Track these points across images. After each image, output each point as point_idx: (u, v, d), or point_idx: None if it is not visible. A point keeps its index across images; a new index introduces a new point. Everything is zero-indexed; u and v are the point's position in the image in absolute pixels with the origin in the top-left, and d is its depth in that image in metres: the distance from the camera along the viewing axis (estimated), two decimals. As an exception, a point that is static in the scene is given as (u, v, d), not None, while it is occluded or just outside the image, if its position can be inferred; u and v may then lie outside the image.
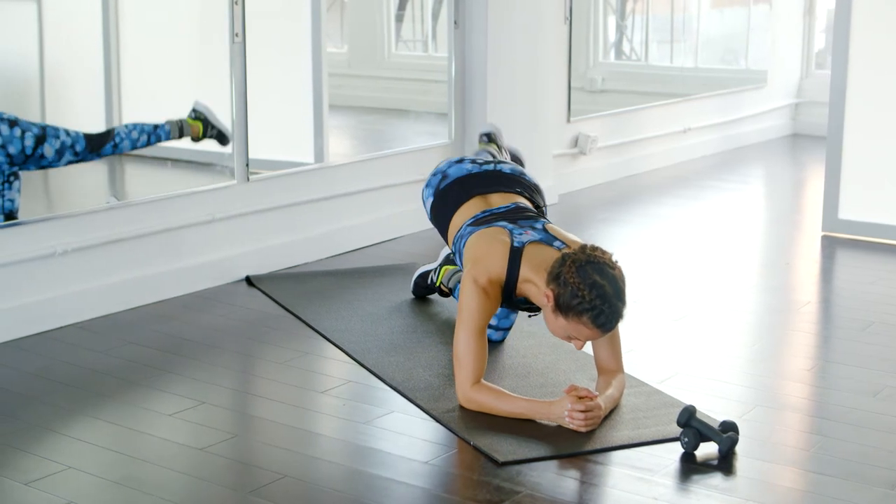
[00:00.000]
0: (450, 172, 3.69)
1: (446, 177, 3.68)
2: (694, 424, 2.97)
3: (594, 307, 2.98)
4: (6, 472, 2.86)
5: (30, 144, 3.96)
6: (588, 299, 2.98)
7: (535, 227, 3.34)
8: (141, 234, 4.22)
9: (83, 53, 4.50)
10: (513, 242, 3.25)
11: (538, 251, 3.23)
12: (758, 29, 8.23)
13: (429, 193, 3.70)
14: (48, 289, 3.93)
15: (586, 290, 2.97)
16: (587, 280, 2.98)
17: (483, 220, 3.44)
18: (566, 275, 3.00)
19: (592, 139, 6.35)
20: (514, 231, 3.30)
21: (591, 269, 3.00)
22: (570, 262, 3.02)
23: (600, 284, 2.98)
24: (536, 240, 3.27)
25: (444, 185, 3.66)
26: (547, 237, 3.29)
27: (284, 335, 3.92)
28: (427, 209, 3.73)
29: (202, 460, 2.95)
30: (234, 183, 4.57)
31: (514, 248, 3.24)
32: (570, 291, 2.99)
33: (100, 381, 3.49)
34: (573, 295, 2.99)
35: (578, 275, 2.99)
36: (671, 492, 2.79)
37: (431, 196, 3.68)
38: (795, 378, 3.58)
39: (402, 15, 6.62)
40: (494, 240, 3.28)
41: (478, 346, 3.17)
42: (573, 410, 3.06)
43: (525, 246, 3.24)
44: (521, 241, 3.25)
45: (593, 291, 2.97)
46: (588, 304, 2.98)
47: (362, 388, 3.44)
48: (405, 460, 2.95)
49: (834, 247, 5.18)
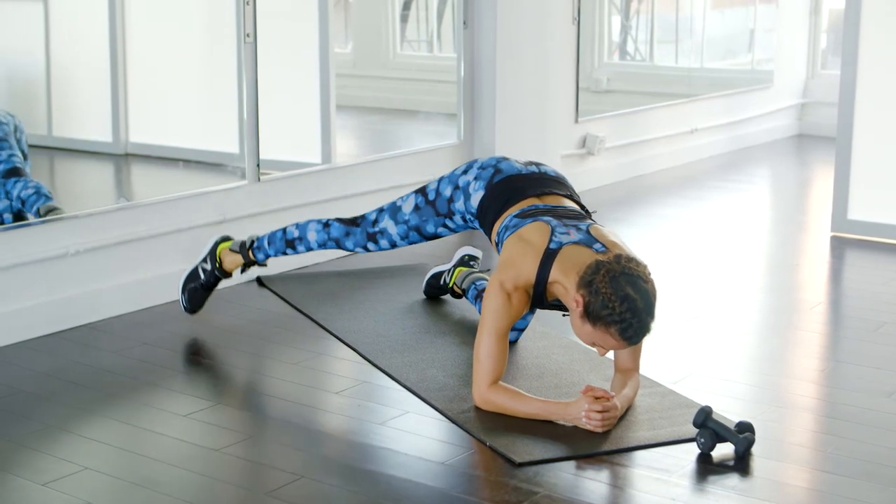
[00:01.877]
0: (502, 168, 3.60)
1: (499, 171, 3.58)
2: (710, 425, 2.97)
3: (623, 320, 2.97)
4: (23, 473, 2.86)
5: None
6: (618, 311, 2.96)
7: (579, 227, 3.28)
8: (153, 235, 4.23)
9: (90, 53, 4.50)
10: (549, 244, 3.21)
11: (575, 252, 3.18)
12: (763, 29, 8.23)
13: (480, 186, 3.57)
14: (61, 289, 3.93)
15: (617, 302, 2.96)
16: (619, 292, 2.97)
17: (530, 213, 3.38)
18: (598, 284, 2.99)
19: (600, 140, 6.35)
20: (557, 229, 3.25)
21: (624, 280, 2.98)
22: (604, 272, 3.00)
23: (632, 298, 2.97)
24: (576, 241, 3.21)
25: (497, 180, 3.56)
26: (588, 239, 3.24)
27: (297, 336, 3.92)
28: (472, 201, 3.60)
29: (218, 461, 2.95)
30: (245, 183, 4.57)
31: (548, 250, 3.19)
32: (601, 301, 2.98)
33: (114, 381, 3.49)
34: (603, 305, 2.97)
35: (611, 286, 2.97)
36: (688, 492, 2.79)
37: (483, 189, 3.57)
38: (809, 379, 3.58)
39: (406, 15, 6.63)
40: (531, 242, 3.23)
41: (498, 348, 3.16)
42: (590, 411, 3.06)
43: (563, 247, 3.20)
44: (560, 242, 3.21)
45: (624, 304, 2.96)
46: (618, 316, 2.97)
47: (376, 389, 3.44)
48: (422, 461, 2.95)
49: (843, 247, 5.18)
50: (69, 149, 4.52)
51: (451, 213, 3.66)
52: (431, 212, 3.69)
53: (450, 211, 3.66)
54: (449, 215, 3.67)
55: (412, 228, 3.74)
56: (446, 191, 3.65)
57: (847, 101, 5.29)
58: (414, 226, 3.73)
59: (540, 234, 3.25)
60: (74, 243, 3.97)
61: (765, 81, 8.09)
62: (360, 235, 3.82)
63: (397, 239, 3.77)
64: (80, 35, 4.50)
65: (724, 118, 7.64)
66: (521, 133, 5.69)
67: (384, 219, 3.77)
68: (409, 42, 6.61)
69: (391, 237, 3.77)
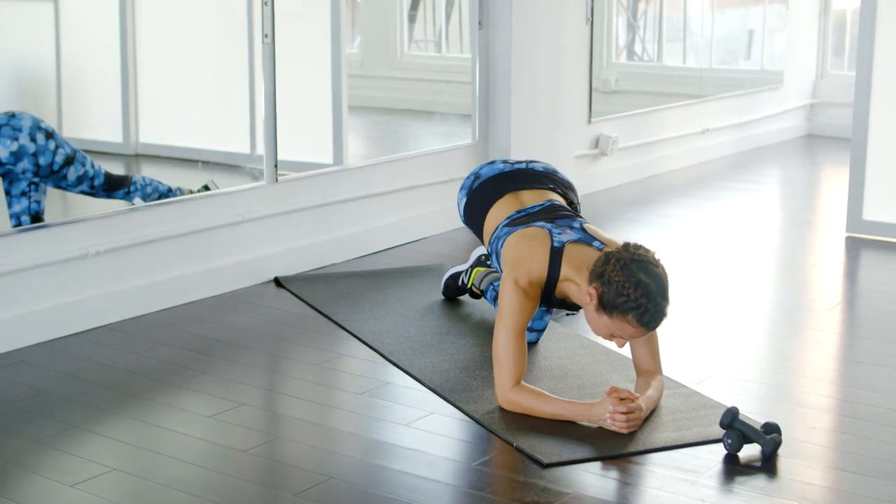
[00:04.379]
0: (482, 173, 3.70)
1: (479, 177, 3.70)
2: (737, 426, 2.97)
3: (639, 305, 2.99)
4: (51, 474, 2.86)
5: (59, 161, 3.97)
6: (633, 297, 2.98)
7: (573, 226, 3.34)
8: (171, 236, 4.23)
9: (100, 54, 4.50)
10: (553, 242, 3.25)
11: (578, 251, 3.23)
12: (773, 29, 8.23)
13: (462, 195, 3.72)
14: (80, 290, 3.94)
15: (631, 288, 2.98)
16: (632, 278, 2.98)
17: (519, 220, 3.43)
18: (610, 273, 3.01)
19: (613, 140, 6.35)
20: (553, 231, 3.30)
21: (635, 267, 3.00)
22: (614, 261, 3.02)
23: (645, 283, 2.98)
24: (576, 239, 3.26)
25: (476, 185, 3.67)
26: (586, 237, 3.28)
27: (317, 336, 3.92)
28: (461, 211, 3.74)
29: (246, 462, 2.95)
30: (263, 184, 4.57)
31: (554, 248, 3.23)
32: (615, 290, 2.99)
33: (136, 382, 3.49)
34: (618, 293, 2.99)
35: (623, 273, 2.99)
36: (717, 493, 2.79)
37: (465, 197, 3.70)
38: (829, 379, 3.58)
39: (414, 15, 6.63)
40: (534, 240, 3.28)
41: (518, 347, 3.17)
42: (615, 412, 3.06)
43: (565, 245, 3.24)
44: (561, 241, 3.25)
45: (638, 290, 2.98)
46: (633, 302, 2.98)
47: (399, 390, 3.44)
48: (450, 462, 2.95)
49: (858, 248, 5.18)
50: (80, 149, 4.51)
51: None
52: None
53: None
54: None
55: None
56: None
57: (862, 102, 5.29)
58: None
59: (540, 234, 3.30)
60: (94, 244, 3.97)
61: (774, 82, 8.09)
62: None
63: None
64: (90, 35, 4.50)
65: (735, 119, 7.64)
66: (535, 134, 5.69)
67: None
68: (417, 42, 6.62)
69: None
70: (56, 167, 3.98)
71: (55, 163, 3.98)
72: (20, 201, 3.99)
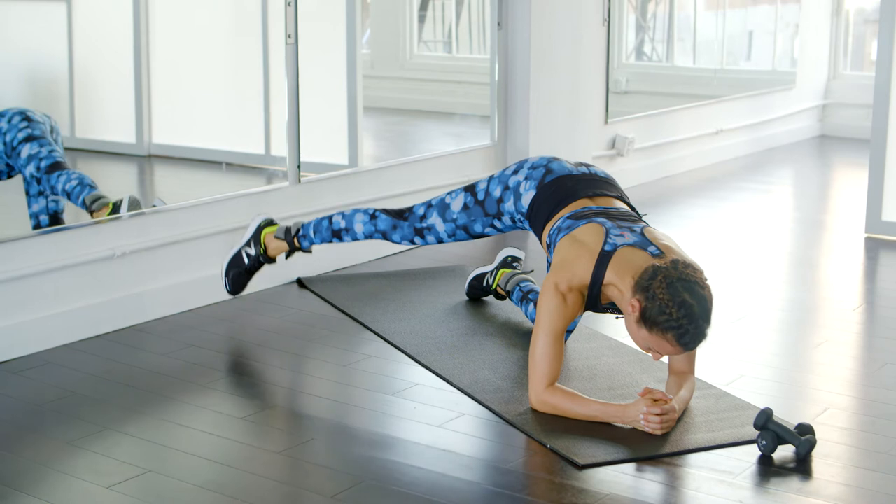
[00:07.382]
0: (553, 168, 3.59)
1: (551, 171, 3.57)
2: (772, 427, 2.97)
3: (680, 326, 2.97)
4: (87, 476, 2.87)
5: (20, 138, 3.94)
6: (675, 317, 2.97)
7: (633, 229, 3.27)
8: (196, 237, 4.23)
9: (113, 54, 4.50)
10: (604, 245, 3.20)
11: (630, 254, 3.17)
12: (786, 29, 8.23)
13: (531, 186, 3.56)
14: (107, 291, 3.94)
15: (675, 307, 2.96)
16: (676, 298, 2.97)
17: (583, 214, 3.37)
18: (656, 289, 2.99)
19: (629, 141, 6.35)
20: (612, 231, 3.24)
21: (681, 286, 2.98)
22: (661, 277, 3.00)
23: (689, 304, 2.97)
24: (631, 243, 3.20)
25: (549, 180, 3.55)
26: (643, 241, 3.22)
27: (343, 337, 3.92)
28: (522, 201, 3.59)
29: (282, 464, 2.95)
30: (286, 185, 4.57)
31: (603, 252, 3.19)
32: (658, 307, 2.98)
33: (165, 383, 3.49)
34: (661, 311, 2.98)
35: (668, 291, 2.98)
36: (754, 494, 2.79)
37: (534, 190, 3.56)
38: (857, 380, 3.59)
39: (423, 16, 6.64)
40: (585, 243, 3.22)
41: (554, 350, 3.16)
42: (649, 413, 3.06)
43: (618, 249, 3.19)
44: (615, 244, 3.21)
45: (681, 310, 2.96)
46: (675, 322, 2.97)
47: (430, 391, 3.44)
48: (484, 463, 2.96)
49: (878, 249, 5.18)
50: (92, 150, 4.52)
51: (500, 214, 3.66)
52: (480, 211, 3.69)
53: (499, 211, 3.66)
54: (498, 216, 3.67)
55: (460, 227, 3.74)
56: (496, 191, 3.65)
57: (881, 103, 5.29)
58: (462, 224, 3.73)
59: (594, 236, 3.25)
60: (120, 245, 3.97)
61: (787, 82, 8.09)
62: (408, 230, 3.83)
63: (444, 236, 3.78)
64: (103, 36, 4.50)
65: (748, 119, 7.64)
66: (554, 134, 5.69)
67: (432, 215, 3.77)
68: (426, 43, 6.62)
69: (438, 234, 3.78)
70: (15, 143, 3.95)
71: (15, 139, 3.95)
72: (38, 201, 3.99)
